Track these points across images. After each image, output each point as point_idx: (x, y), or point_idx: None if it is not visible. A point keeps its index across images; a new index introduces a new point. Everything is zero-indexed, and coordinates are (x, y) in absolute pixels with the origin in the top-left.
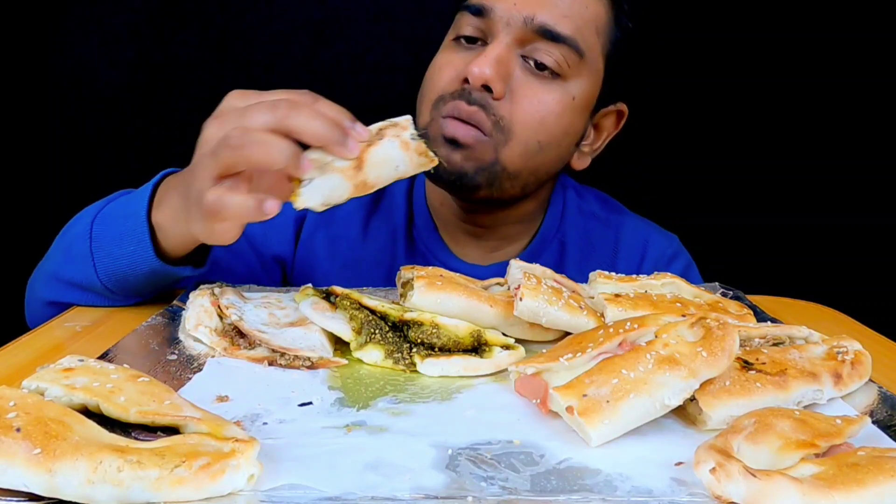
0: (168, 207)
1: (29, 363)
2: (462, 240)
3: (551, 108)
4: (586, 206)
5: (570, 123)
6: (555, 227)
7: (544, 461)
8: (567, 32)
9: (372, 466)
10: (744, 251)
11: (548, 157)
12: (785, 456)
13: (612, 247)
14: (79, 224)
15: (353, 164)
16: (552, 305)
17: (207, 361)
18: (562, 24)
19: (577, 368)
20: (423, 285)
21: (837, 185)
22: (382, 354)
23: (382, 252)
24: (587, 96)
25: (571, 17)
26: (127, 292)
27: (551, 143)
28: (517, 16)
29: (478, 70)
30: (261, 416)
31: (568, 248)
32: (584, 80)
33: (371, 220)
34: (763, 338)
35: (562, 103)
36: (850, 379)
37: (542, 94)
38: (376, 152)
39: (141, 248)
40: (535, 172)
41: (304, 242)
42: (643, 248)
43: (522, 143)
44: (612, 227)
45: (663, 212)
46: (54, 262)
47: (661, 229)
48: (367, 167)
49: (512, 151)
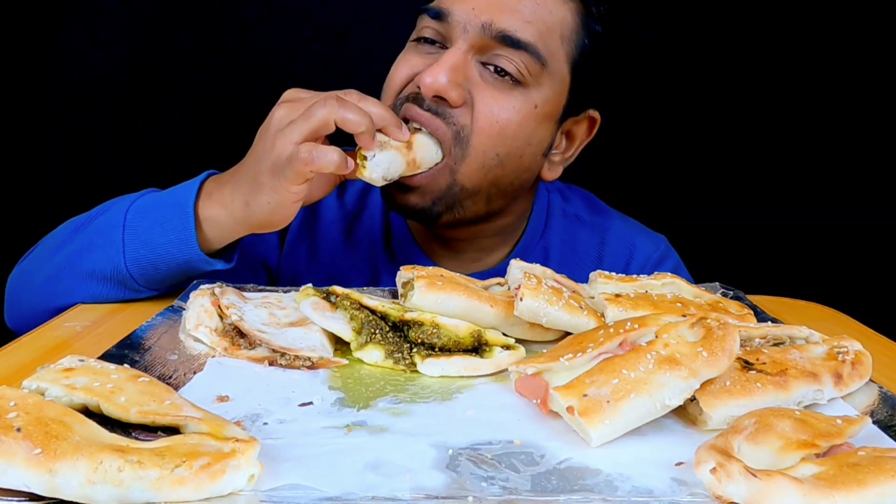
0: (219, 198)
1: (29, 363)
2: (440, 253)
3: (511, 116)
4: (571, 208)
5: (533, 133)
6: (538, 233)
7: (545, 461)
8: (528, 39)
9: (372, 466)
10: (744, 251)
11: (508, 170)
12: (785, 456)
13: (596, 252)
14: (113, 214)
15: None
16: (552, 305)
17: (208, 361)
18: (522, 31)
19: (577, 368)
20: (424, 285)
21: (837, 185)
22: (383, 354)
23: (363, 263)
24: (551, 105)
25: (534, 22)
26: (148, 282)
27: (511, 154)
28: (475, 21)
29: (430, 79)
30: (261, 416)
31: (551, 255)
32: (547, 88)
33: (352, 232)
34: (763, 338)
35: (522, 112)
36: (850, 379)
37: (503, 101)
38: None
39: (184, 236)
40: (496, 185)
41: (288, 252)
42: (629, 253)
43: (480, 156)
44: (598, 231)
45: (663, 212)
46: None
47: (648, 231)
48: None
49: (469, 167)
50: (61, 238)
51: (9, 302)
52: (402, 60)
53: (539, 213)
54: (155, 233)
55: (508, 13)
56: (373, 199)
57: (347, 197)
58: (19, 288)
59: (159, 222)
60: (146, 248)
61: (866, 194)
